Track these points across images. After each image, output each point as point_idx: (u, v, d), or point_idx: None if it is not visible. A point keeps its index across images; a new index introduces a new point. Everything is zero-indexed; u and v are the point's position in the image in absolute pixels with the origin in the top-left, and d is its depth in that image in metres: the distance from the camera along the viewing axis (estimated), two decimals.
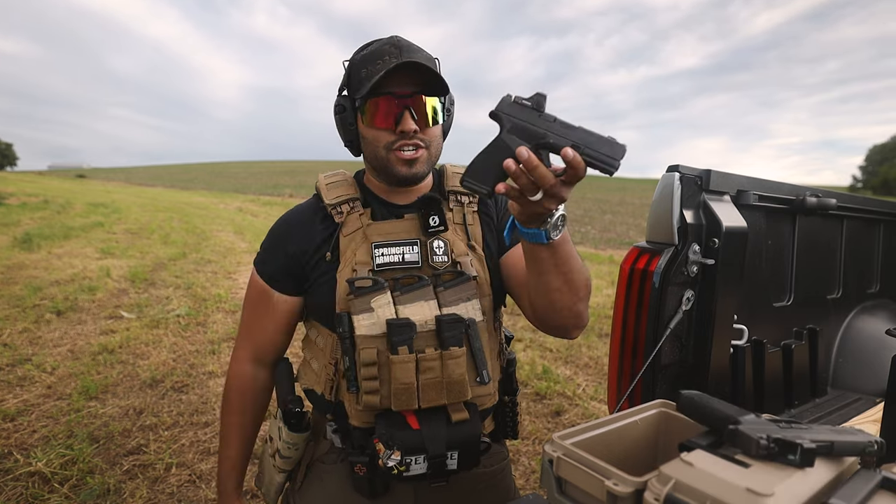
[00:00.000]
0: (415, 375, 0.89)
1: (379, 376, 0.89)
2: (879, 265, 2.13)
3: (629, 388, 1.23)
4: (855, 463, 0.60)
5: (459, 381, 0.90)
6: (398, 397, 0.88)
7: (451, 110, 1.00)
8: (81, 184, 42.39)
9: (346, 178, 1.03)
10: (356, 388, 0.90)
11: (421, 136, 0.93)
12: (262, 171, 64.43)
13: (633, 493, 0.57)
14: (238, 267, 7.34)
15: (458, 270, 0.96)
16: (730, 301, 1.33)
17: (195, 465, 2.46)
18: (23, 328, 4.15)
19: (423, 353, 0.89)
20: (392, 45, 0.91)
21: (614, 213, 22.43)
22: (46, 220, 11.47)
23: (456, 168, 1.07)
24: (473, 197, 1.04)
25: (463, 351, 0.90)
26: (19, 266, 6.37)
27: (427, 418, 0.90)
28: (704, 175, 1.30)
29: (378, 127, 0.92)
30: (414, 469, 0.89)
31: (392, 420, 0.90)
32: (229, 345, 4.10)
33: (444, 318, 0.91)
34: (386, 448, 0.88)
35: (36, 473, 2.27)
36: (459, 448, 0.91)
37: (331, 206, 0.98)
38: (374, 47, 0.93)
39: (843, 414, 1.60)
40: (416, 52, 0.92)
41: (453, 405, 0.92)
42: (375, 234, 0.96)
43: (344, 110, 0.95)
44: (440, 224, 0.96)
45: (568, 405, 3.25)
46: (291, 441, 1.02)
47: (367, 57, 0.92)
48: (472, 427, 0.92)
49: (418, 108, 0.91)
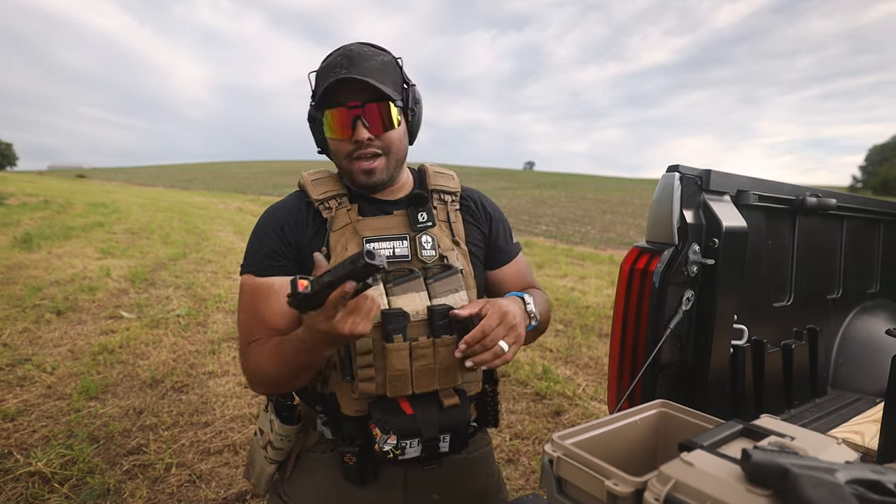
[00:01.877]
0: (409, 362, 0.92)
1: (374, 364, 0.92)
2: (879, 265, 2.13)
3: (629, 388, 1.23)
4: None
5: (451, 368, 0.94)
6: (393, 384, 0.92)
7: (416, 109, 1.02)
8: (81, 184, 42.41)
9: (331, 174, 1.06)
10: (351, 378, 0.93)
11: (378, 142, 0.96)
12: (263, 171, 64.44)
13: (633, 493, 0.57)
14: (238, 267, 7.33)
15: (445, 264, 1.00)
16: (730, 301, 1.33)
17: (195, 465, 2.46)
18: (23, 328, 4.15)
19: (417, 340, 0.93)
20: (343, 56, 0.94)
21: (614, 213, 22.43)
22: (46, 220, 11.48)
23: (436, 167, 1.11)
24: (455, 196, 1.09)
25: (453, 339, 0.94)
26: (19, 266, 6.37)
27: (420, 404, 0.94)
28: (704, 175, 1.30)
29: (336, 137, 0.96)
30: (409, 452, 0.93)
31: (387, 406, 0.93)
32: (229, 345, 4.10)
33: (437, 307, 0.95)
34: (382, 433, 0.91)
35: (36, 473, 2.27)
36: (451, 431, 0.96)
37: (318, 202, 1.00)
38: (329, 59, 0.96)
39: (843, 414, 1.60)
40: (367, 61, 0.94)
41: (444, 391, 0.96)
42: (366, 229, 0.99)
43: (314, 120, 0.99)
44: (428, 220, 1.00)
45: (568, 405, 3.25)
46: (283, 433, 1.04)
47: (323, 69, 0.96)
48: (463, 411, 0.97)
49: (371, 117, 0.94)
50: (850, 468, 0.49)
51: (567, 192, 34.45)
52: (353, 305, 0.77)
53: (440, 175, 1.09)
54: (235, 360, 3.77)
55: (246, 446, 2.63)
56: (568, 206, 25.33)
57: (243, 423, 2.86)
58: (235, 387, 3.33)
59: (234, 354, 3.89)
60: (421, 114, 1.04)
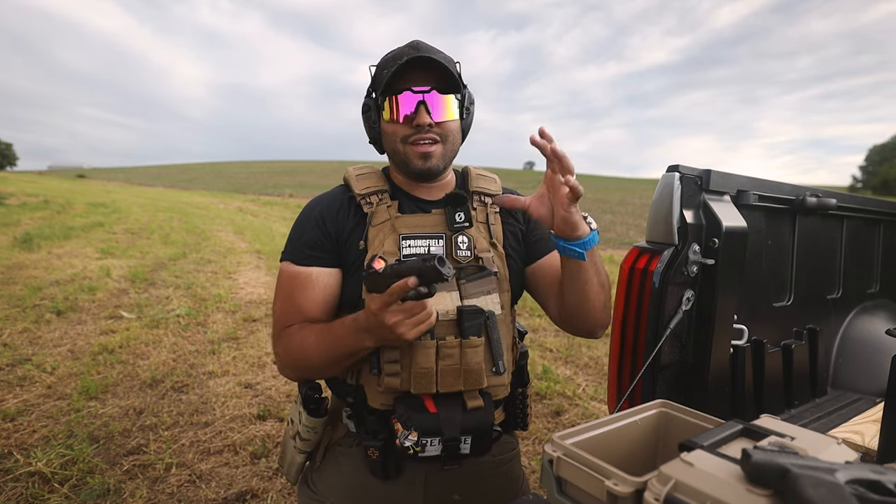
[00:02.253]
0: (434, 361, 0.93)
1: (400, 360, 0.93)
2: (879, 265, 2.13)
3: (629, 388, 1.23)
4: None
5: (476, 370, 0.95)
6: (417, 381, 0.93)
7: (471, 109, 1.05)
8: (81, 184, 42.42)
9: (375, 170, 1.07)
10: (378, 371, 0.94)
11: (437, 130, 0.97)
12: (263, 171, 64.42)
13: (633, 493, 0.57)
14: (238, 267, 7.34)
15: (480, 265, 1.00)
16: (730, 301, 1.33)
17: (195, 465, 2.46)
18: (23, 328, 4.15)
19: (444, 340, 0.94)
20: (410, 47, 0.98)
21: (614, 213, 22.43)
22: (46, 220, 11.47)
23: (479, 170, 1.12)
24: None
25: (481, 341, 0.95)
26: (19, 266, 6.37)
27: (444, 403, 0.95)
28: (704, 175, 1.30)
29: (395, 121, 0.97)
30: (429, 450, 0.94)
31: (411, 403, 0.94)
32: (229, 345, 4.10)
33: (465, 308, 0.95)
34: (404, 428, 0.92)
35: (36, 473, 2.27)
36: (473, 434, 0.96)
37: (360, 197, 1.02)
38: (395, 51, 1.00)
39: (843, 414, 1.60)
40: (434, 52, 0.98)
41: (469, 392, 0.96)
42: (403, 226, 1.00)
43: (369, 109, 1.01)
44: (465, 220, 1.01)
45: (568, 405, 3.25)
46: (310, 425, 1.05)
47: (388, 58, 0.99)
48: (486, 414, 0.96)
49: (434, 103, 0.96)
50: (850, 468, 0.49)
51: None
52: (408, 306, 0.80)
53: (482, 177, 1.10)
54: (235, 360, 3.77)
55: (246, 446, 2.63)
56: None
57: (243, 423, 2.86)
58: (235, 387, 3.32)
59: (234, 354, 3.89)
60: (473, 116, 1.06)
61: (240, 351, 3.97)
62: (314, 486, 1.09)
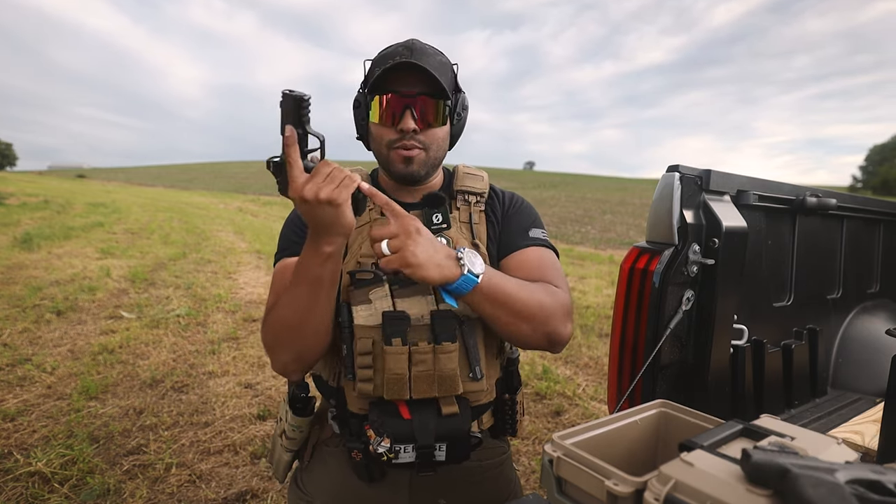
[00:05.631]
0: (407, 367, 0.91)
1: (373, 366, 0.92)
2: (879, 265, 2.13)
3: (629, 388, 1.23)
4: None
5: (451, 376, 0.92)
6: (390, 387, 0.91)
7: (463, 114, 1.02)
8: (81, 184, 42.41)
9: (364, 172, 1.06)
10: (352, 376, 0.93)
11: (420, 137, 0.95)
12: (263, 170, 64.44)
13: (633, 493, 0.57)
14: (238, 267, 7.34)
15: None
16: (730, 301, 1.33)
17: (195, 465, 2.46)
18: (23, 328, 4.15)
19: (417, 345, 0.91)
20: (404, 47, 0.95)
21: (614, 213, 22.43)
22: (46, 220, 11.47)
23: (468, 168, 1.09)
24: (480, 197, 1.06)
25: (456, 346, 0.92)
26: (19, 266, 6.37)
27: (418, 409, 0.93)
28: (704, 175, 1.30)
29: (381, 123, 0.96)
30: (403, 457, 0.92)
31: (384, 408, 0.93)
32: (229, 345, 4.10)
33: (439, 313, 0.93)
34: (377, 435, 0.91)
35: (36, 473, 2.27)
36: (447, 440, 0.93)
37: None
38: (389, 48, 0.97)
39: (843, 414, 1.60)
40: (428, 56, 0.95)
41: (445, 399, 0.94)
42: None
43: (359, 105, 0.99)
44: (443, 222, 0.98)
45: (568, 405, 3.25)
46: (295, 424, 1.05)
47: (382, 56, 0.97)
48: (462, 421, 0.94)
49: (420, 109, 0.94)
50: (850, 468, 0.49)
51: (567, 192, 34.44)
52: (318, 171, 0.77)
53: (469, 176, 1.07)
54: (235, 360, 3.77)
55: (246, 446, 2.63)
56: (568, 207, 25.33)
57: (243, 423, 2.86)
58: (235, 387, 3.33)
59: (234, 354, 3.89)
60: (465, 121, 1.04)
61: (240, 351, 3.97)
62: (303, 486, 1.08)
